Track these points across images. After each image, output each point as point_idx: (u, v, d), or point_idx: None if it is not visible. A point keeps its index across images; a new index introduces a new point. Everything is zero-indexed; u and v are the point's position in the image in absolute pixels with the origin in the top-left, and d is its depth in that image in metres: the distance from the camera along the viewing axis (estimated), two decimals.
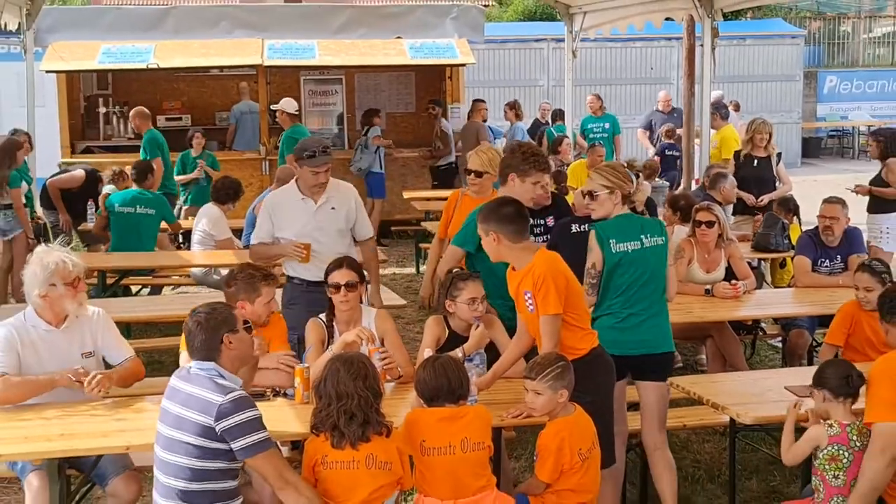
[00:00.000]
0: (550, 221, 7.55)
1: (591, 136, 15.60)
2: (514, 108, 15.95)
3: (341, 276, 5.43)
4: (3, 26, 11.84)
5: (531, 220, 6.57)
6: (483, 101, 15.57)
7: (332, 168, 6.47)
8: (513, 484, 5.25)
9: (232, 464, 4.10)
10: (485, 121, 15.31)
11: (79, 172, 11.30)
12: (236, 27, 15.19)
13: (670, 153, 15.15)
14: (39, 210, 11.35)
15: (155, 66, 14.52)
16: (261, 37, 15.05)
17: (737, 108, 17.53)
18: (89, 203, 10.97)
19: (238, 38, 15.06)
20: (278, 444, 4.38)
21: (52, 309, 4.96)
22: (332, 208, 6.39)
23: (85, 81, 15.50)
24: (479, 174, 6.70)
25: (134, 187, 9.91)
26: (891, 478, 4.42)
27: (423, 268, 12.68)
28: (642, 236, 5.39)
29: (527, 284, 4.91)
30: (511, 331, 6.01)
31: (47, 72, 14.58)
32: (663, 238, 5.48)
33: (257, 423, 4.07)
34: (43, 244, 6.66)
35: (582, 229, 6.11)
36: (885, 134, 10.26)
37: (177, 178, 12.51)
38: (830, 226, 7.80)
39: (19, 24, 12.72)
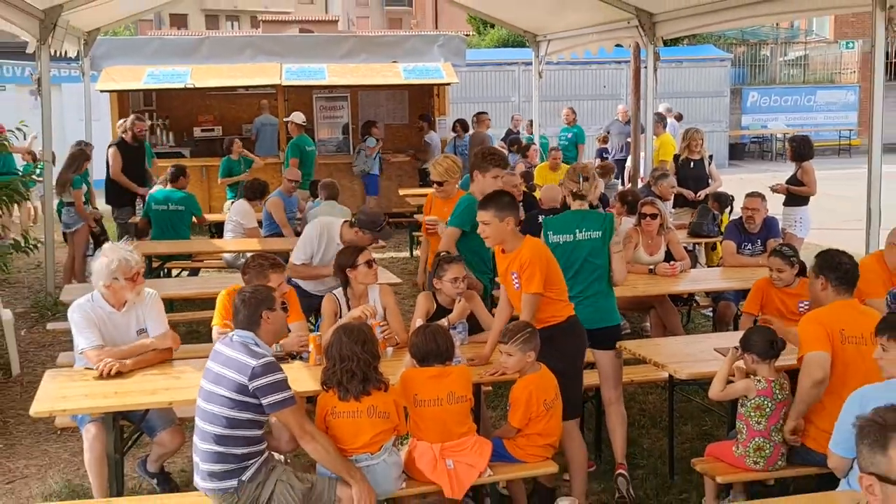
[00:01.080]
0: (521, 213, 7.51)
1: (561, 142, 15.71)
2: (483, 118, 15.89)
3: (367, 255, 5.49)
4: (64, 53, 11.78)
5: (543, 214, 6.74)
6: (486, 114, 15.57)
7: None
8: (490, 429, 5.26)
9: (260, 416, 4.10)
10: (488, 128, 15.33)
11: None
12: (259, 53, 15.21)
13: (606, 156, 15.57)
14: (99, 208, 11.31)
15: (191, 86, 14.47)
16: (279, 62, 15.01)
17: (679, 118, 17.51)
18: (137, 200, 10.93)
19: (260, 62, 15.03)
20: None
21: (114, 296, 4.98)
22: None
23: (133, 99, 15.40)
24: (439, 183, 6.65)
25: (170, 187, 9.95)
26: (816, 398, 4.45)
27: (416, 252, 12.76)
28: (577, 230, 5.40)
29: (514, 266, 4.93)
30: (493, 300, 6.08)
31: (102, 91, 14.57)
32: (600, 232, 5.43)
33: (283, 384, 4.08)
34: (108, 241, 6.68)
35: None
36: (798, 140, 10.28)
37: (222, 179, 12.44)
38: (752, 215, 7.84)
39: (78, 51, 12.72)
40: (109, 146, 11.28)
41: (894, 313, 4.61)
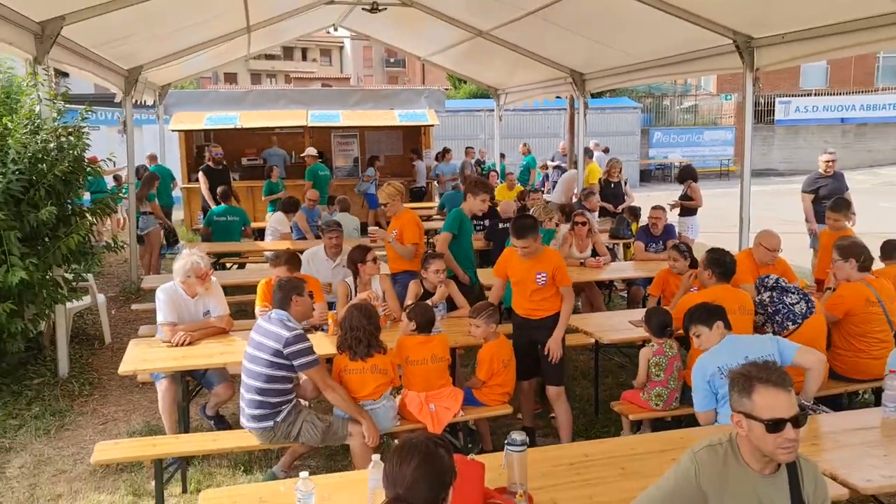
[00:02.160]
0: (487, 222, 7.50)
1: (521, 167, 16.05)
2: (448, 152, 15.87)
3: (373, 254, 5.50)
4: (143, 102, 11.72)
5: (477, 221, 6.70)
6: (472, 148, 16.15)
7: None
8: (463, 381, 5.26)
9: (291, 373, 4.08)
10: (451, 160, 15.48)
11: None
12: (290, 103, 15.18)
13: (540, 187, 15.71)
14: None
15: (240, 127, 14.39)
16: (306, 109, 14.98)
17: (606, 150, 17.48)
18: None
19: (291, 109, 14.99)
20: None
21: (189, 289, 4.97)
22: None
23: (196, 137, 15.29)
24: (383, 204, 6.38)
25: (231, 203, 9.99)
26: None
27: None
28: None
29: (540, 268, 4.80)
30: (470, 289, 6.02)
31: (173, 130, 14.46)
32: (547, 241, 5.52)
33: (310, 350, 4.06)
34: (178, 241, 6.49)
35: (504, 227, 6.23)
36: (685, 168, 10.46)
37: (265, 197, 12.28)
38: (655, 223, 7.87)
39: (154, 100, 12.62)
40: (198, 170, 11.54)
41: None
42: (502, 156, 16.19)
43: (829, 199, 7.68)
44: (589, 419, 5.48)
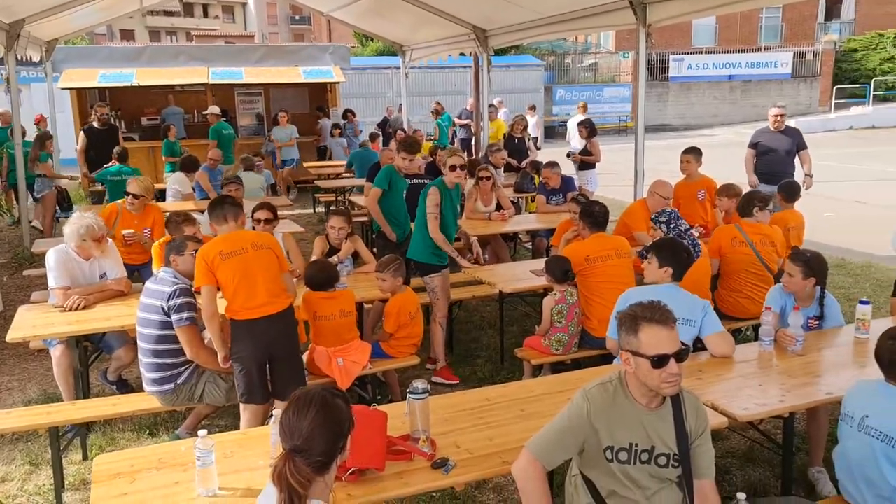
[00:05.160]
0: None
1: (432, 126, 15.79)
2: (352, 113, 15.42)
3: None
4: (28, 58, 10.85)
5: (412, 181, 6.63)
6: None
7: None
8: (371, 335, 5.24)
9: None
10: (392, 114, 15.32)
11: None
12: (190, 59, 14.47)
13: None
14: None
15: (136, 85, 13.59)
16: (207, 66, 14.30)
17: (533, 108, 17.32)
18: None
19: (192, 66, 14.28)
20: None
21: (83, 253, 4.69)
22: None
23: (90, 96, 14.34)
24: (136, 196, 5.94)
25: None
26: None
27: (318, 208, 12.52)
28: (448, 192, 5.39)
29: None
30: (398, 246, 5.95)
31: (62, 88, 13.50)
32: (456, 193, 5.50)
33: (186, 307, 3.83)
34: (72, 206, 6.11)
35: (412, 182, 6.32)
36: (587, 124, 10.53)
37: (165, 157, 11.71)
38: (547, 181, 7.97)
39: (41, 57, 11.70)
40: (81, 130, 10.67)
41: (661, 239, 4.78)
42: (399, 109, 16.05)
43: (767, 155, 7.80)
44: (495, 366, 5.57)
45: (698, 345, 3.72)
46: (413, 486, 2.59)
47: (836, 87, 27.70)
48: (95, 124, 10.53)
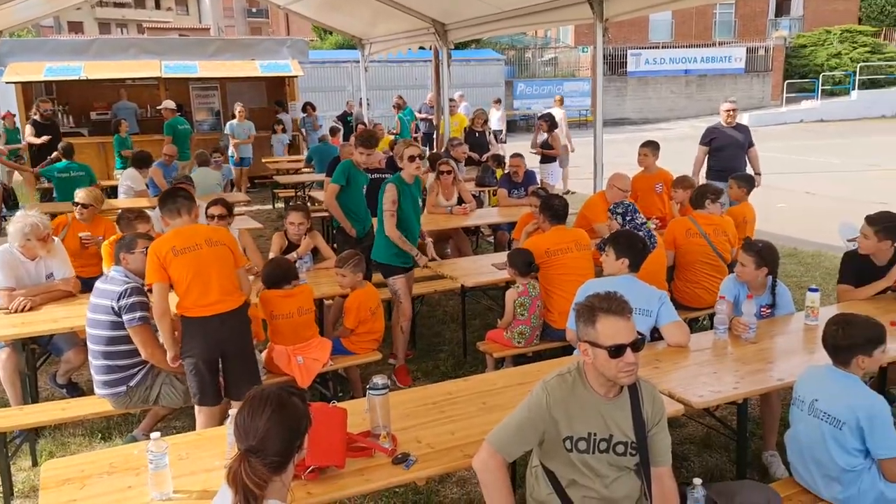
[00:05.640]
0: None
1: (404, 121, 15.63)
2: (314, 108, 15.00)
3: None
4: None
5: (373, 175, 6.56)
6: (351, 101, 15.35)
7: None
8: (332, 331, 5.20)
9: None
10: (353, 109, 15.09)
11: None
12: (141, 52, 14.07)
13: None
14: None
15: (84, 79, 13.22)
16: (159, 59, 13.95)
17: (498, 101, 17.20)
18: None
19: (143, 59, 13.92)
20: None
21: (28, 252, 4.56)
22: None
23: (36, 90, 13.88)
24: (84, 206, 5.71)
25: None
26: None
27: (277, 204, 12.37)
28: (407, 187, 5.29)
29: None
30: (358, 242, 5.89)
31: (7, 82, 13.08)
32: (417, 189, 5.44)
33: (138, 306, 3.74)
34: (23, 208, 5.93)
35: (373, 177, 6.25)
36: (547, 118, 10.60)
37: (123, 152, 11.34)
38: (516, 170, 8.02)
39: None
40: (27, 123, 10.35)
41: (617, 232, 4.82)
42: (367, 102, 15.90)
43: (722, 151, 7.68)
44: (457, 361, 5.57)
45: (655, 335, 3.77)
46: (374, 483, 2.58)
47: (786, 81, 28.35)
48: (37, 118, 10.26)
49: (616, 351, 2.37)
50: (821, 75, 28.14)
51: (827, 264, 7.91)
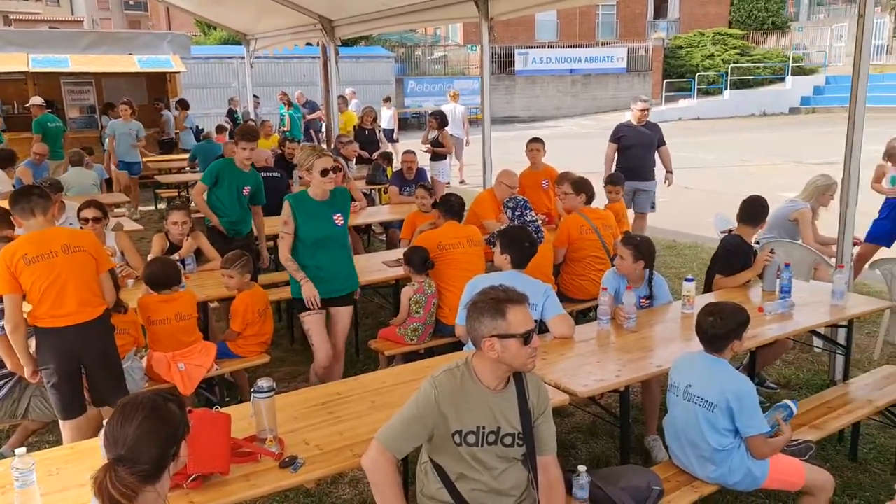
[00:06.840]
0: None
1: (284, 118, 15.21)
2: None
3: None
4: None
5: (264, 174, 6.32)
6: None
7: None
8: (218, 335, 5.03)
9: None
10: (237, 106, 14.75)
11: None
12: (6, 45, 13.13)
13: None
14: None
15: None
16: (27, 52, 13.06)
17: (388, 99, 17.08)
18: None
19: (8, 52, 12.98)
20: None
21: None
22: None
23: None
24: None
25: None
26: None
27: (160, 205, 11.84)
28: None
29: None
30: (229, 241, 5.68)
31: None
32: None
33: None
34: None
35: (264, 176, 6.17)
36: (437, 115, 10.72)
37: None
38: (410, 167, 8.05)
39: None
40: None
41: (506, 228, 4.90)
42: (256, 98, 15.51)
43: (629, 149, 7.65)
44: (350, 360, 5.51)
45: (542, 328, 3.88)
46: (261, 488, 2.51)
47: (665, 81, 29.91)
48: None
49: (528, 337, 2.43)
50: (696, 75, 29.87)
51: (703, 255, 8.40)
